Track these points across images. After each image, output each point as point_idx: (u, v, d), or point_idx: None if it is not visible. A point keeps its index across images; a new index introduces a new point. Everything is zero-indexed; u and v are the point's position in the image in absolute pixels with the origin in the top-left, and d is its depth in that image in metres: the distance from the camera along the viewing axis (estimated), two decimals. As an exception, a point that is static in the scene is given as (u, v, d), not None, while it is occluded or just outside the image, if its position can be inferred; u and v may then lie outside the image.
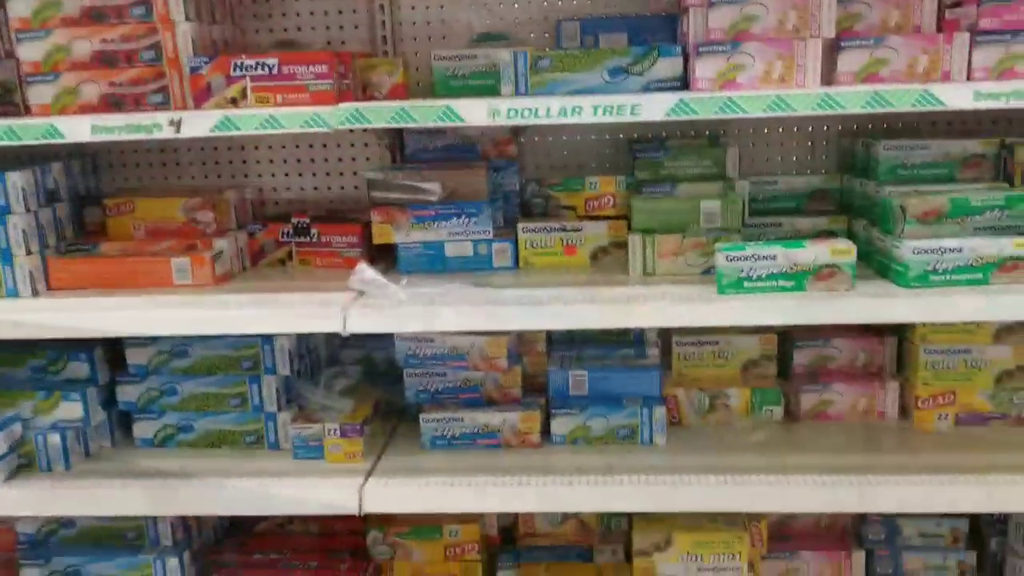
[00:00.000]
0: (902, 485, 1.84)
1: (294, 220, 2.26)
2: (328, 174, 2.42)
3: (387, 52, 2.31)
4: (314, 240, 2.25)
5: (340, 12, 2.32)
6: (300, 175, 2.42)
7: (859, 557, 2.14)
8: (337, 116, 1.81)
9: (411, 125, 1.82)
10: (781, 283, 1.74)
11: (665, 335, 2.26)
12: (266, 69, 1.92)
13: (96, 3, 1.97)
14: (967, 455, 1.95)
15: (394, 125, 1.81)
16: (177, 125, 1.84)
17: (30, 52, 1.99)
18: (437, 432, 2.11)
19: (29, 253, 2.02)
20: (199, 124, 1.84)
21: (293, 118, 1.82)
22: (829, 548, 2.16)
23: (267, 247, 2.29)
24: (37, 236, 2.05)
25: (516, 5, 2.29)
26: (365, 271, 1.95)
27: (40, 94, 2.00)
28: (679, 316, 1.76)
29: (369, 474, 2.00)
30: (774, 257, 1.73)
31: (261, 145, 2.41)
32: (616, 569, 2.17)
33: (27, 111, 2.13)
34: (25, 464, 2.06)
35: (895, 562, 2.13)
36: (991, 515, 2.13)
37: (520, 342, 2.23)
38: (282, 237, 2.28)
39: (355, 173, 2.42)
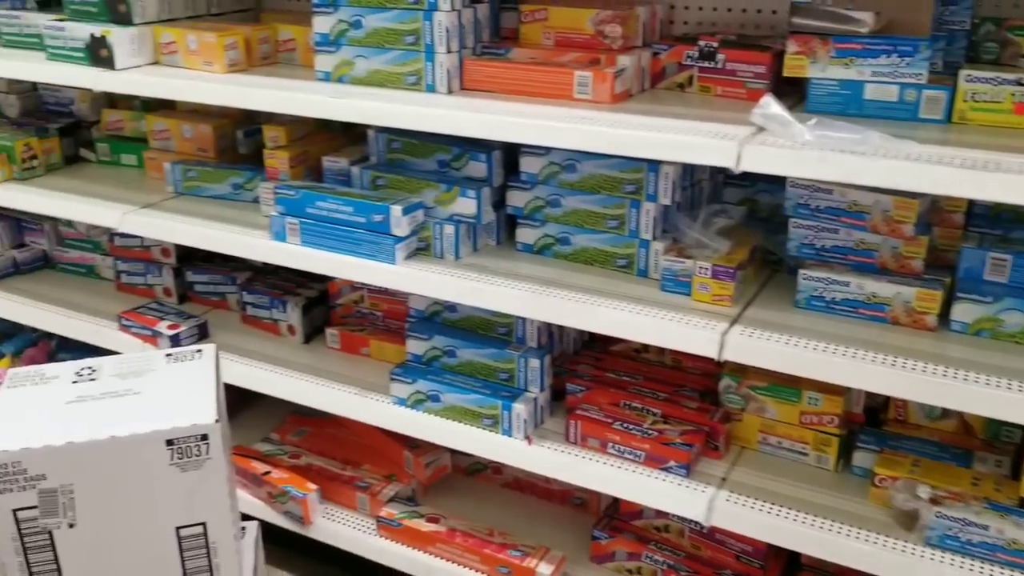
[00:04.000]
0: None
1: (700, 43, 2.12)
2: (748, -6, 2.22)
3: None
4: (718, 66, 2.10)
5: None
6: (717, -6, 2.25)
7: None
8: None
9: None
10: None
11: None
12: None
13: None
14: None
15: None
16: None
17: None
18: (816, 292, 1.95)
19: (449, 52, 2.12)
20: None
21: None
22: None
23: (669, 69, 2.19)
24: (458, 36, 2.14)
25: None
26: (771, 105, 1.79)
27: None
28: None
29: (734, 321, 1.91)
30: None
31: (680, -42, 2.27)
32: (998, 482, 1.91)
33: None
34: (422, 248, 2.26)
35: None
36: None
37: (933, 209, 1.95)
38: (686, 60, 2.16)
39: (778, -4, 2.20)
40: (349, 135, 2.62)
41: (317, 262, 2.30)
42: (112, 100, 3.03)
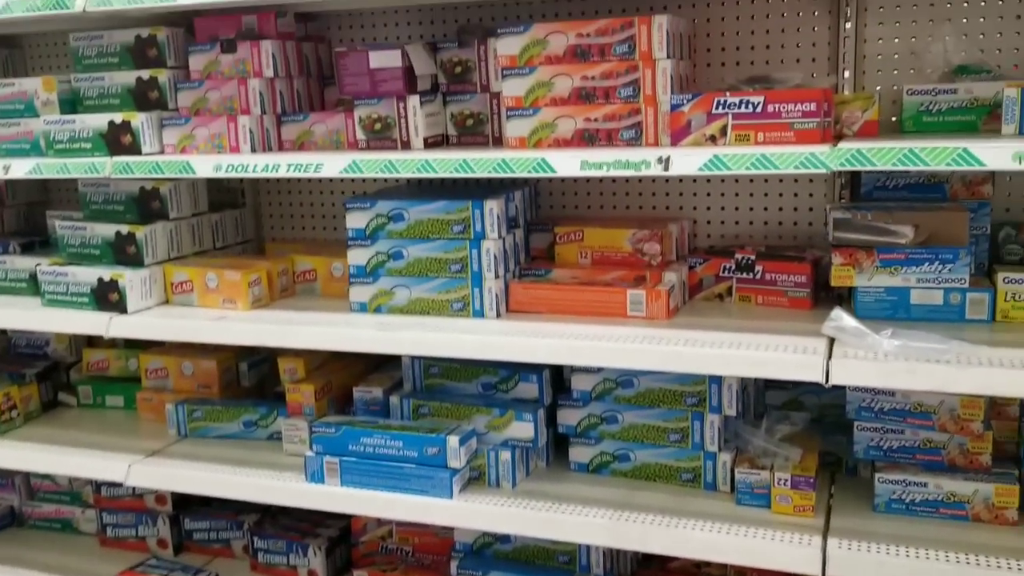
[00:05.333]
0: None
1: (738, 256, 2.21)
2: (766, 208, 2.35)
3: (844, 87, 2.20)
4: (758, 277, 2.19)
5: (798, 45, 2.24)
6: (736, 209, 2.37)
7: None
8: (835, 158, 1.73)
9: (919, 168, 1.69)
10: None
11: None
12: (750, 107, 1.89)
13: (581, 41, 2.04)
14: None
15: (899, 168, 1.70)
16: (666, 163, 1.84)
17: (513, 88, 2.10)
18: (895, 495, 1.96)
19: (496, 277, 2.13)
20: (687, 163, 1.83)
21: (786, 159, 1.76)
22: None
23: (706, 281, 2.25)
24: (503, 261, 2.15)
25: (1001, 35, 2.09)
26: (843, 318, 1.85)
27: (518, 127, 2.10)
28: None
29: (825, 534, 1.89)
30: None
31: (699, 177, 2.39)
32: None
33: (495, 142, 2.26)
34: (475, 477, 2.17)
35: None
36: None
37: (991, 404, 2.03)
38: (723, 272, 2.24)
39: (795, 209, 2.33)
40: (368, 361, 2.55)
41: (361, 503, 2.16)
42: (92, 339, 2.86)
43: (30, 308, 2.42)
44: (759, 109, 1.88)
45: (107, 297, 2.32)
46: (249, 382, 2.67)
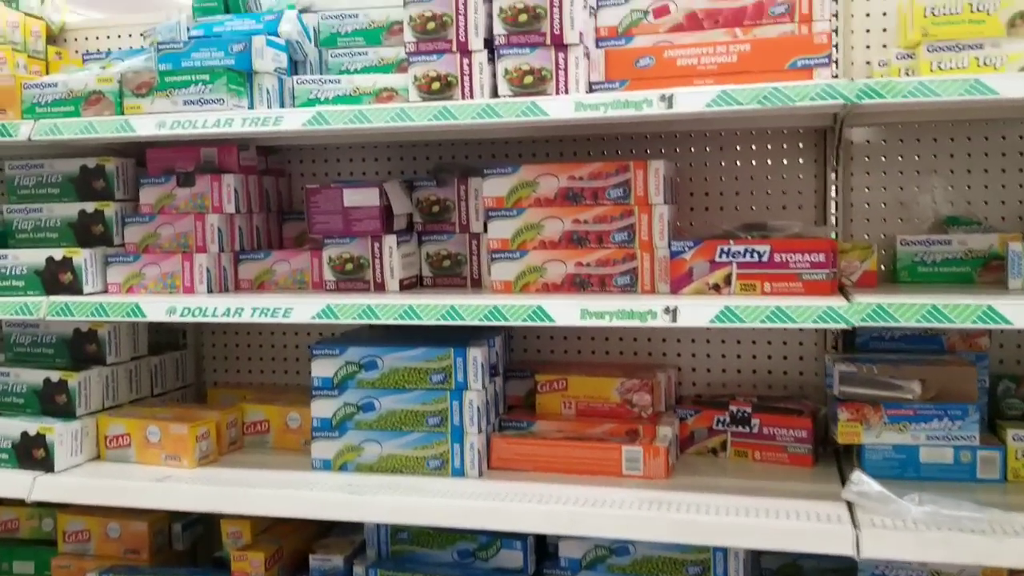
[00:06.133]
0: None
1: (732, 408, 2.09)
2: (754, 356, 2.25)
3: (837, 235, 2.16)
4: (755, 431, 2.06)
5: (784, 192, 2.20)
6: (723, 356, 2.26)
7: None
8: (856, 313, 1.64)
9: (943, 325, 1.62)
10: None
11: None
12: (756, 256, 1.81)
13: (573, 184, 1.95)
14: None
15: (923, 325, 1.62)
16: (673, 314, 1.72)
17: (499, 230, 1.98)
18: (919, 673, 1.81)
19: (479, 431, 1.95)
20: (696, 314, 1.72)
21: (803, 312, 1.66)
22: None
23: (698, 434, 2.12)
24: (485, 413, 1.98)
25: (987, 187, 2.09)
26: (863, 482, 1.73)
27: (503, 271, 1.97)
28: None
29: None
30: None
31: (683, 324, 2.29)
32: None
33: (474, 284, 2.12)
34: (452, 660, 1.93)
35: None
36: None
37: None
38: (716, 425, 2.11)
39: (785, 357, 2.23)
40: (323, 520, 2.29)
41: None
42: None
43: (-66, 466, 2.10)
44: (765, 259, 1.81)
45: (31, 454, 2.03)
46: (183, 545, 2.37)
